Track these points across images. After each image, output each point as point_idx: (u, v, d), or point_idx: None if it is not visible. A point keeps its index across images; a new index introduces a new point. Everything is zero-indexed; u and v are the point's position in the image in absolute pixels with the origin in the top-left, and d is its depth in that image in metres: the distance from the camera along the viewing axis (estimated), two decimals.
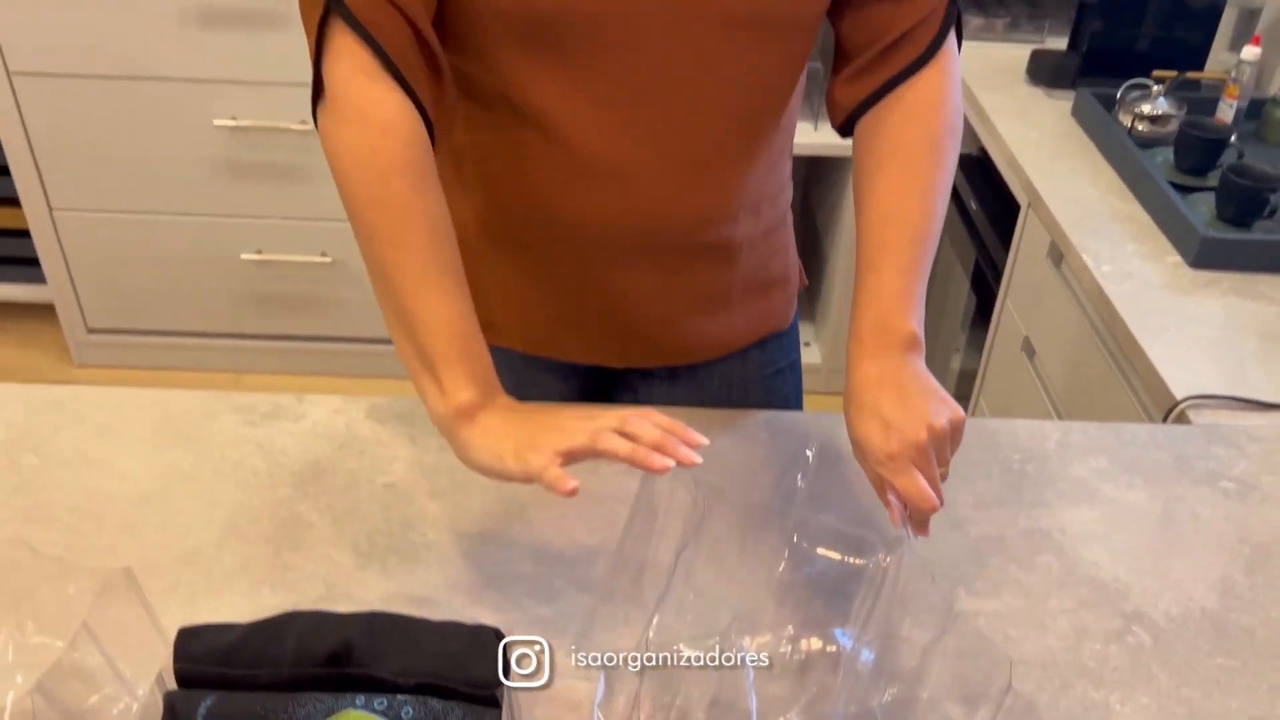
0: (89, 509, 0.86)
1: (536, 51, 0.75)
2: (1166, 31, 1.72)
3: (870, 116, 0.81)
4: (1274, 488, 0.95)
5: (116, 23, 1.89)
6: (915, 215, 0.76)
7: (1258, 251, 1.28)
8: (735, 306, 0.95)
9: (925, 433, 0.68)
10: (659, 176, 0.81)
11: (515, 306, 0.93)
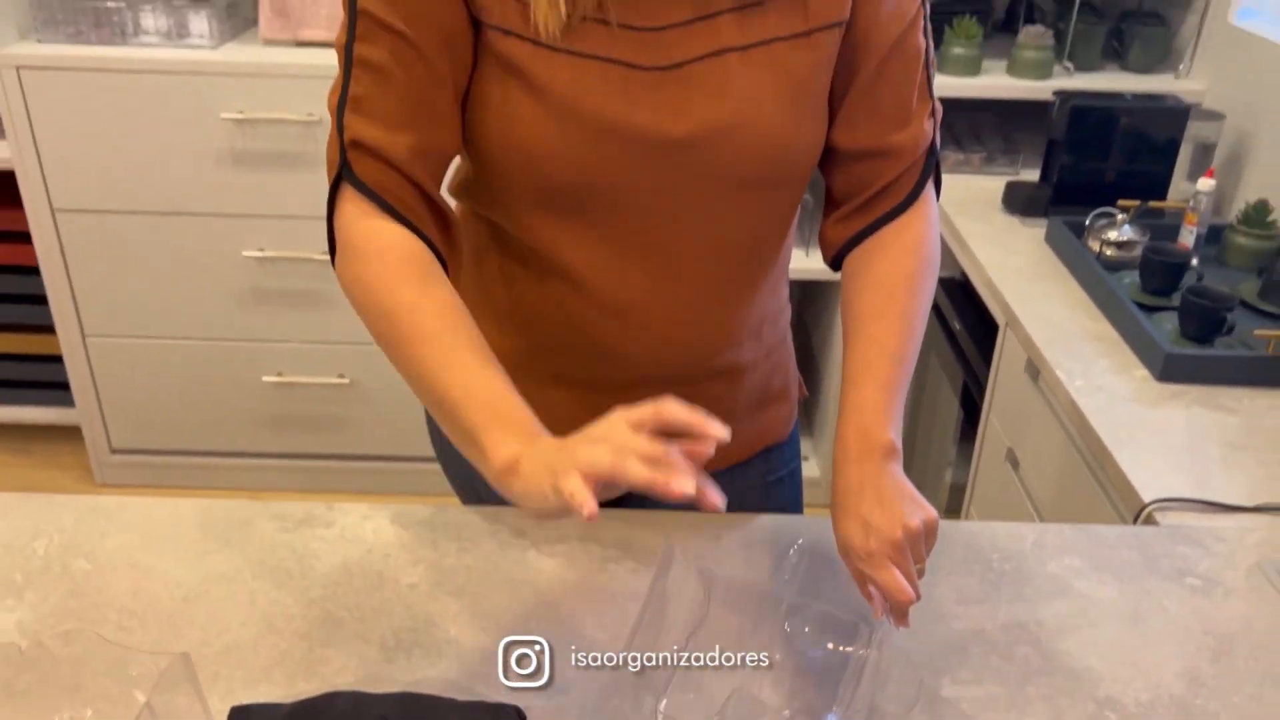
0: (136, 608, 0.93)
1: (563, 214, 0.85)
2: (1130, 164, 1.85)
3: (857, 253, 0.91)
4: (1236, 583, 1.01)
5: (157, 163, 2.04)
6: (894, 340, 0.85)
7: (1218, 366, 1.37)
8: (741, 421, 1.03)
9: (901, 532, 0.76)
10: (674, 314, 0.91)
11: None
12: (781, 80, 0.83)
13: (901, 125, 0.88)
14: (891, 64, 0.86)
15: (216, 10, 2.03)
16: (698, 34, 0.81)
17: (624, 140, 0.81)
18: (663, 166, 0.83)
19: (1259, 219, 1.67)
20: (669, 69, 0.81)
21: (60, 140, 2.03)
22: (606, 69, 0.80)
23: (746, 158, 0.84)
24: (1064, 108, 1.84)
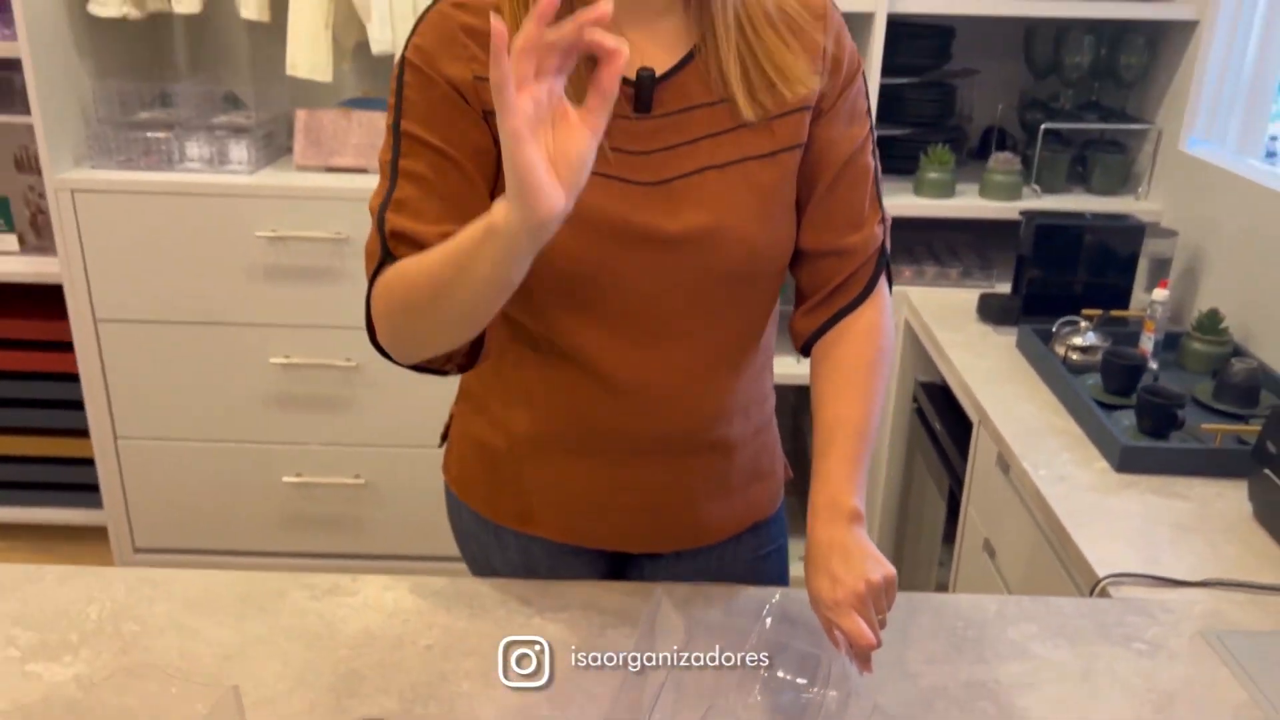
0: (181, 665, 1.04)
1: (572, 303, 0.99)
2: (1093, 277, 2.00)
3: (822, 341, 1.05)
4: (1180, 648, 1.11)
5: (195, 277, 2.20)
6: (857, 417, 0.98)
7: (1171, 458, 1.49)
8: (732, 495, 1.15)
9: (864, 585, 0.88)
10: (670, 391, 1.04)
11: (553, 502, 1.13)
12: (753, 192, 0.98)
13: (855, 229, 1.03)
14: (844, 178, 1.02)
15: (255, 139, 2.23)
16: (682, 156, 0.97)
17: (623, 237, 0.96)
18: (656, 261, 0.97)
19: (1211, 326, 1.81)
20: (659, 184, 0.96)
21: (106, 256, 2.20)
22: (609, 183, 0.95)
23: (727, 255, 0.98)
24: (1030, 225, 2.00)
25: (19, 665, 1.03)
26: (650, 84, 0.95)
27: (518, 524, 1.15)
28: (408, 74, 0.95)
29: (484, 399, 1.14)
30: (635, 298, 0.99)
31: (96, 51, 2.28)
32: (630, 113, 0.96)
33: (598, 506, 1.12)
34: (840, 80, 1.00)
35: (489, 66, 0.70)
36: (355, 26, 2.24)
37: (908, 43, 2.28)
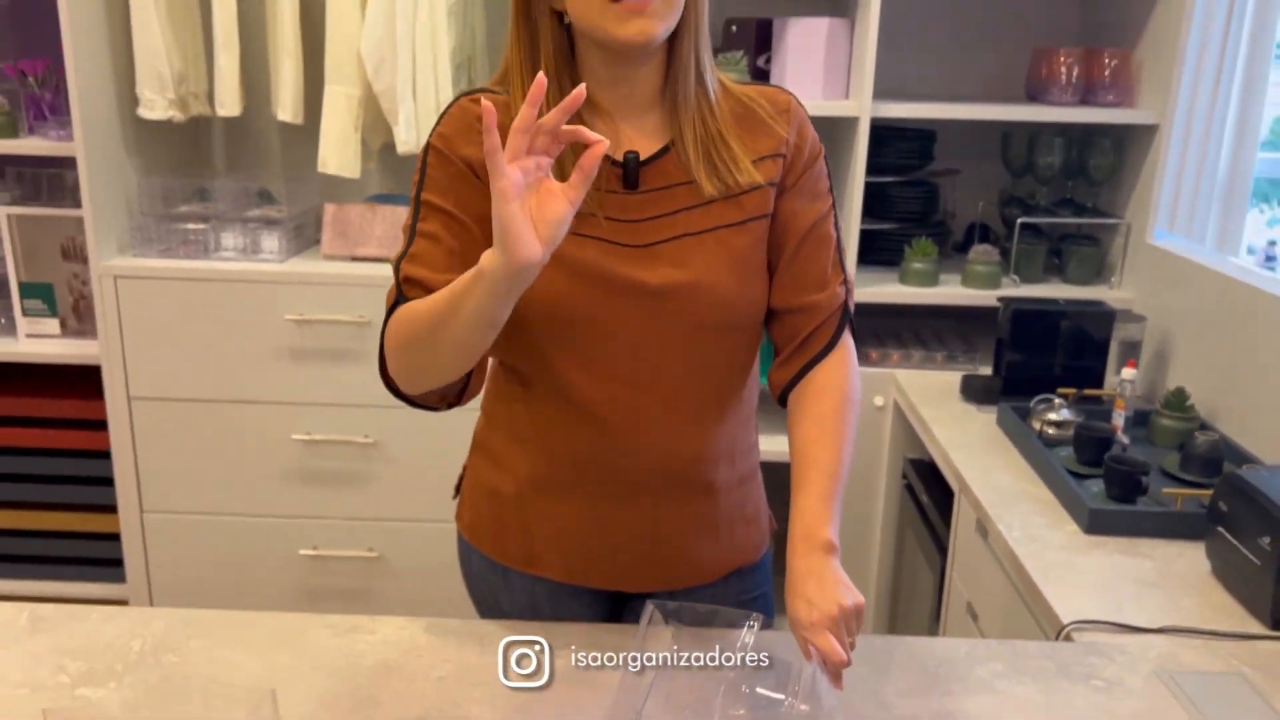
0: (215, 690, 1.14)
1: (568, 345, 1.13)
2: (1068, 359, 2.13)
3: (795, 391, 1.18)
4: (1135, 684, 1.20)
5: (225, 357, 2.35)
6: (828, 458, 1.10)
7: (1135, 520, 1.59)
8: (719, 538, 1.26)
9: (837, 609, 0.98)
10: (656, 431, 1.16)
11: (555, 543, 1.24)
12: (726, 254, 1.13)
13: (819, 289, 1.18)
14: (806, 245, 1.17)
15: (286, 231, 2.40)
16: (663, 225, 1.13)
17: (610, 285, 1.11)
18: (640, 309, 1.12)
19: (1179, 404, 1.93)
20: (644, 247, 1.12)
21: (143, 338, 2.34)
22: (600, 244, 1.11)
23: (703, 307, 1.13)
24: (1007, 311, 2.14)
25: (69, 690, 1.14)
26: (636, 166, 1.13)
27: (523, 565, 1.26)
28: (431, 156, 1.14)
29: (492, 447, 1.27)
30: (623, 344, 1.13)
31: (142, 150, 2.47)
32: (620, 189, 1.13)
33: (595, 545, 1.23)
34: (802, 163, 1.17)
35: (486, 134, 0.88)
36: (382, 129, 2.43)
37: (892, 144, 2.45)
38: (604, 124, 1.14)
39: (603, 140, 0.89)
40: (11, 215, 2.46)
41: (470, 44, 2.44)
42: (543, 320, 1.10)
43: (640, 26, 1.04)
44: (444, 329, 1.00)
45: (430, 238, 1.11)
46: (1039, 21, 2.57)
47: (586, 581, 1.27)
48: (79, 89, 2.22)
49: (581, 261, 1.07)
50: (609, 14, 1.04)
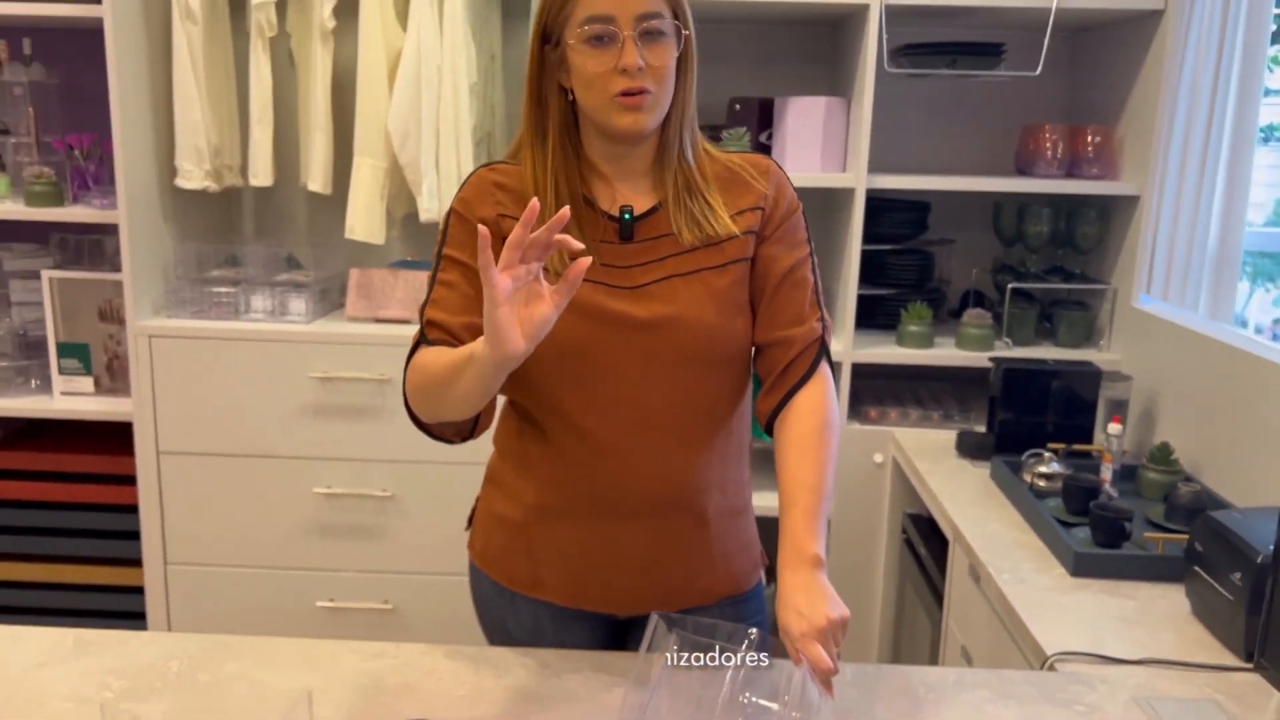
0: (249, 705, 1.22)
1: (567, 375, 1.25)
2: (1058, 417, 2.22)
3: (779, 418, 1.28)
4: (1114, 710, 1.27)
5: (252, 413, 2.46)
6: (812, 478, 1.20)
7: (1118, 563, 1.67)
8: (713, 565, 1.35)
9: (824, 621, 1.07)
10: (650, 456, 1.27)
11: (558, 566, 1.34)
12: (709, 292, 1.26)
13: (797, 324, 1.29)
14: (784, 286, 1.29)
15: (312, 294, 2.52)
16: (653, 269, 1.26)
17: (603, 318, 1.24)
18: (631, 340, 1.25)
19: (1163, 457, 2.01)
20: (635, 289, 1.26)
21: (175, 395, 2.46)
22: (596, 287, 1.24)
23: (689, 339, 1.25)
24: (999, 370, 2.24)
25: (115, 704, 1.22)
26: (630, 221, 1.28)
27: (528, 590, 1.36)
28: (452, 218, 1.30)
29: (502, 478, 1.38)
30: (616, 374, 1.25)
31: (178, 218, 2.62)
32: (616, 240, 1.28)
33: (594, 568, 1.33)
34: (779, 215, 1.31)
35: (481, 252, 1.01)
36: (404, 200, 2.58)
37: (888, 215, 2.59)
38: (603, 185, 1.30)
39: (587, 258, 1.03)
40: (53, 279, 2.59)
41: (490, 121, 2.60)
42: (545, 352, 1.22)
43: (635, 119, 1.21)
44: (448, 390, 1.15)
45: (448, 286, 1.27)
46: (1027, 100, 2.72)
47: (587, 605, 1.36)
48: (124, 161, 2.37)
49: (579, 300, 1.21)
50: (611, 107, 1.21)
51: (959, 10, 2.40)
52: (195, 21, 2.41)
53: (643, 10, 1.19)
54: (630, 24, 1.19)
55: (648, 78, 1.20)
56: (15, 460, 2.68)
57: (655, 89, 1.21)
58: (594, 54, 1.20)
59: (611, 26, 1.19)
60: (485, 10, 2.53)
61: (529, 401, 1.31)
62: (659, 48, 1.21)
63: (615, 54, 1.19)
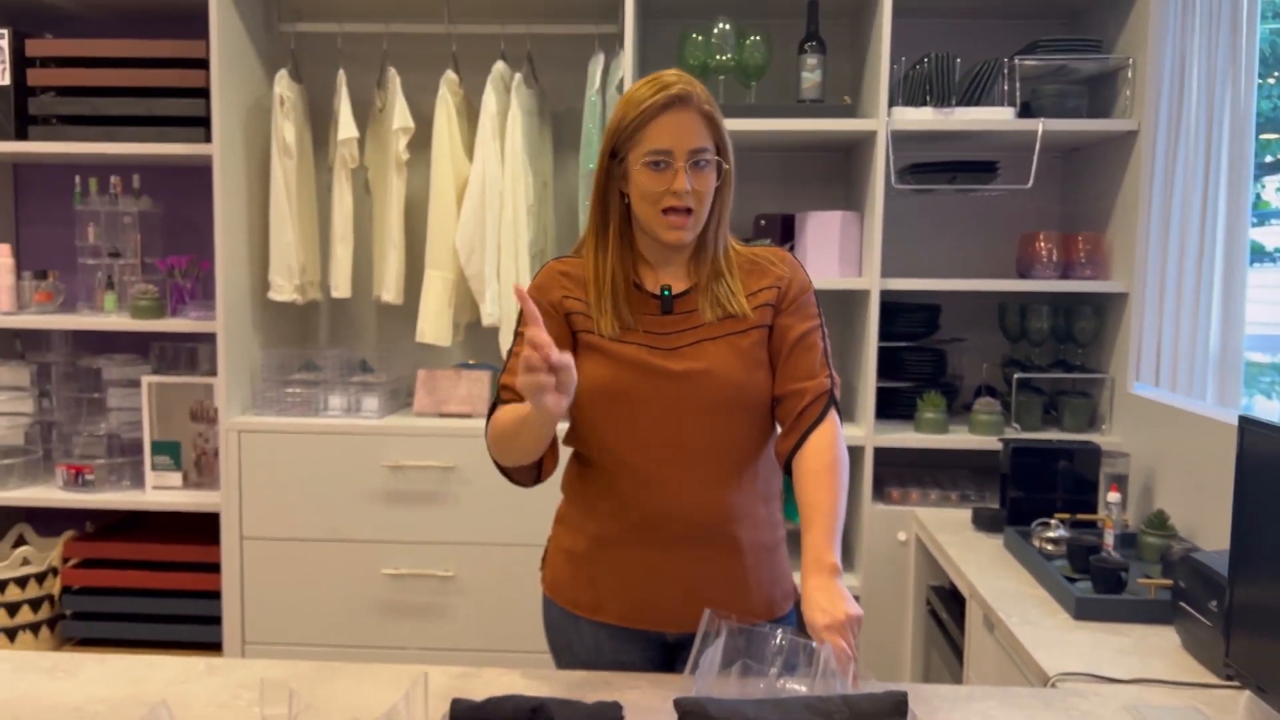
0: (374, 673, 1.43)
1: (617, 418, 1.51)
2: (1063, 491, 2.43)
3: (795, 459, 1.52)
4: (1107, 715, 1.46)
5: (328, 500, 2.71)
6: (826, 503, 1.44)
7: (1115, 607, 1.86)
8: (749, 591, 1.57)
9: (843, 616, 1.29)
10: (687, 489, 1.52)
11: (615, 590, 1.56)
12: (734, 351, 1.53)
13: (808, 379, 1.54)
14: (797, 349, 1.54)
15: (383, 392, 2.81)
16: (687, 335, 1.54)
17: (644, 371, 1.52)
18: (667, 390, 1.51)
19: (1159, 523, 2.21)
20: (672, 350, 1.53)
21: (259, 485, 2.72)
22: (639, 347, 1.52)
23: (717, 388, 1.51)
24: (1007, 450, 2.46)
25: (248, 709, 1.44)
26: (670, 299, 1.56)
27: (590, 613, 1.59)
28: None
29: (569, 517, 1.64)
30: (655, 418, 1.51)
31: (265, 327, 2.93)
32: (658, 313, 1.55)
33: (645, 591, 1.56)
34: (793, 293, 1.58)
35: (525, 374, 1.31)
36: (468, 309, 2.88)
37: (903, 315, 2.86)
38: (649, 270, 1.59)
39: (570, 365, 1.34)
40: (152, 383, 2.90)
41: (543, 238, 2.92)
42: (599, 398, 1.51)
43: (678, 235, 1.51)
44: (514, 438, 1.46)
45: (519, 356, 1.52)
46: (1025, 210, 3.02)
47: (640, 624, 1.57)
48: (224, 278, 2.70)
49: (626, 356, 1.51)
50: (658, 222, 1.51)
51: (958, 134, 2.72)
52: (290, 156, 2.77)
53: (694, 146, 1.48)
54: (684, 156, 1.47)
55: (691, 199, 1.49)
56: (109, 550, 2.93)
57: (696, 208, 1.50)
58: (653, 176, 1.48)
59: (669, 157, 1.48)
60: (539, 144, 2.89)
61: (586, 442, 1.58)
62: (703, 175, 1.50)
63: (669, 178, 1.48)
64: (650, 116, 1.48)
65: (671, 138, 1.47)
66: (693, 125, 1.48)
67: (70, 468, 2.89)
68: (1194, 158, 2.54)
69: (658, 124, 1.48)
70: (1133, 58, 2.63)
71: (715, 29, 2.73)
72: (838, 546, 1.40)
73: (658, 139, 1.48)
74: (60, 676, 1.54)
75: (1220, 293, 2.53)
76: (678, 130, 1.47)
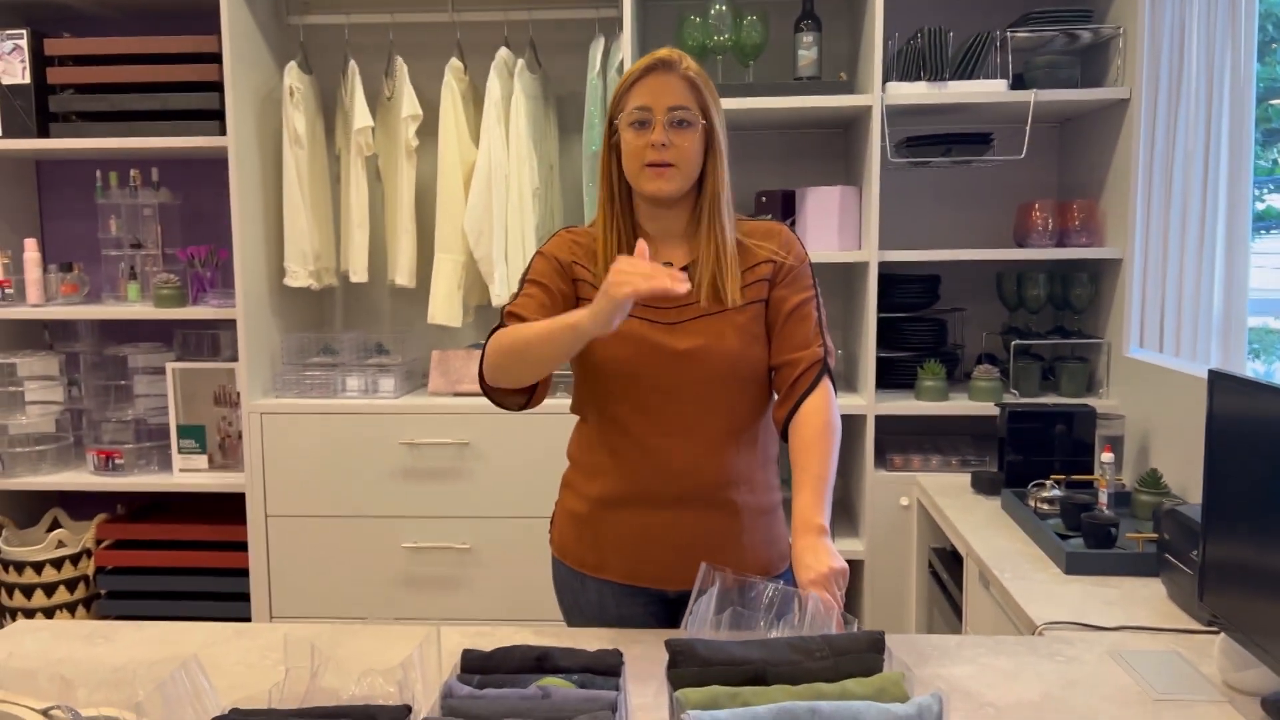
0: (388, 631, 1.52)
1: (622, 392, 1.59)
2: (1059, 454, 2.49)
3: (790, 423, 1.58)
4: (1090, 659, 1.53)
5: (347, 478, 2.80)
6: (816, 466, 1.51)
7: (1105, 561, 1.93)
8: (744, 551, 1.64)
9: (828, 569, 1.37)
10: (687, 454, 1.59)
11: (618, 549, 1.64)
12: (731, 326, 1.59)
13: (802, 349, 1.60)
14: (791, 320, 1.61)
15: (399, 374, 2.89)
16: (687, 312, 1.60)
17: (651, 349, 1.58)
18: (671, 365, 1.58)
19: (1153, 481, 2.27)
20: (673, 325, 1.59)
21: (281, 464, 2.82)
22: (643, 322, 1.59)
23: (715, 363, 1.58)
24: (1004, 414, 2.53)
25: (274, 667, 1.53)
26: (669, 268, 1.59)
27: (595, 571, 1.67)
28: (537, 258, 1.67)
29: (574, 481, 1.71)
30: (659, 391, 1.59)
31: (283, 313, 3.03)
32: None
33: (647, 549, 1.64)
34: (787, 266, 1.63)
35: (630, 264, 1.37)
36: (478, 291, 2.97)
37: (903, 287, 2.92)
38: (649, 243, 1.63)
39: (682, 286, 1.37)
40: (176, 369, 3.00)
41: (550, 221, 3.00)
42: (608, 373, 1.58)
43: (658, 185, 1.56)
44: (530, 349, 1.48)
45: (530, 296, 1.62)
46: (1021, 180, 3.07)
47: (642, 582, 1.66)
48: (242, 266, 2.79)
49: (632, 332, 1.57)
50: (642, 175, 1.57)
51: (952, 107, 2.77)
52: (301, 146, 2.86)
53: (672, 103, 1.54)
54: (662, 112, 1.54)
55: (671, 154, 1.54)
56: (140, 532, 3.04)
57: (679, 163, 1.54)
58: (635, 134, 1.55)
59: (648, 114, 1.54)
60: (544, 127, 2.96)
61: (590, 408, 1.66)
62: (684, 133, 1.55)
63: (649, 134, 1.54)
64: (634, 79, 1.56)
65: (651, 96, 1.54)
66: (674, 86, 1.55)
67: (100, 453, 3.00)
68: (1194, 124, 2.58)
69: (640, 85, 1.56)
70: (1124, 26, 2.67)
71: (712, 10, 2.79)
72: (827, 508, 1.48)
73: (639, 97, 1.55)
74: (99, 642, 1.64)
75: (1223, 258, 2.58)
76: (657, 89, 1.54)
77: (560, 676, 1.25)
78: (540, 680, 1.24)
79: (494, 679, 1.26)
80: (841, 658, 1.15)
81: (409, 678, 1.26)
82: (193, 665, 1.29)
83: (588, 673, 1.26)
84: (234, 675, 1.51)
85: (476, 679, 1.27)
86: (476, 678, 1.27)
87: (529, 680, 1.25)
